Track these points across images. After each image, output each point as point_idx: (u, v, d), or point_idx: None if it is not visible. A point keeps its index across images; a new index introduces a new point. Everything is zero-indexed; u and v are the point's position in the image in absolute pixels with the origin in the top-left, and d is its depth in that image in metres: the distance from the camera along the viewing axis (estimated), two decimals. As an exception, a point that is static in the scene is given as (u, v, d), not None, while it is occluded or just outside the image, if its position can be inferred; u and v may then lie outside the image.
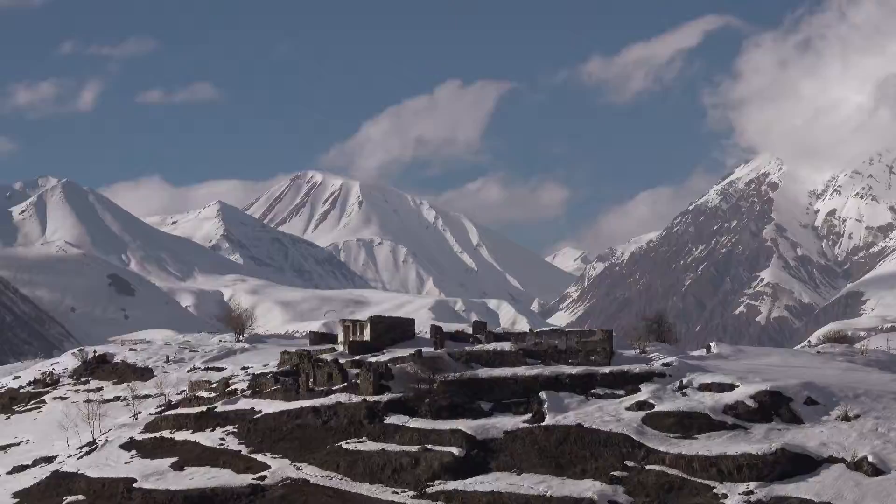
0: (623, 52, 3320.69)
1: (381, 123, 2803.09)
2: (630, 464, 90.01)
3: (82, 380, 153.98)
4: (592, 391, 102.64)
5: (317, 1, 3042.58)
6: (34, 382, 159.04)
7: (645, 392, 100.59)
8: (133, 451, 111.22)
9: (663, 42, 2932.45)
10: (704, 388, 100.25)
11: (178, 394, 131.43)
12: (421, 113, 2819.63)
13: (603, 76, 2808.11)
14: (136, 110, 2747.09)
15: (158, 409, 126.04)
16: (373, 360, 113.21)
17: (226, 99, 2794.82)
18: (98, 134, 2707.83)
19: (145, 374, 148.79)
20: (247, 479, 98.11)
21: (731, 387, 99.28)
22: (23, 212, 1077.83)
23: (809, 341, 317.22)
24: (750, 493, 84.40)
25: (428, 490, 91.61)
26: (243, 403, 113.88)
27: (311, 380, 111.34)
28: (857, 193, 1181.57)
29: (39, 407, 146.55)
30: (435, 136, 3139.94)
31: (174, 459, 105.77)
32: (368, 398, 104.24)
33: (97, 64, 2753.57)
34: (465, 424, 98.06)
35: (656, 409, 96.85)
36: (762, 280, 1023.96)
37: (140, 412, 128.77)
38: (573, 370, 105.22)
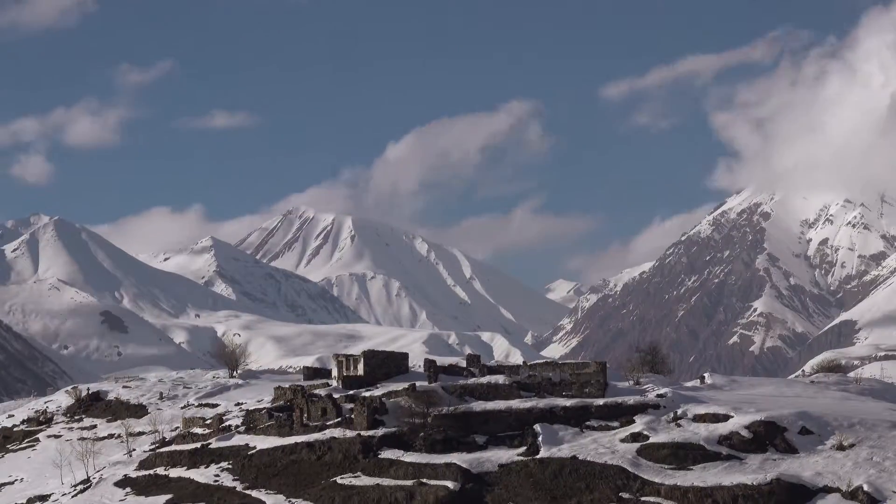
0: (650, 73, 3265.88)
1: (405, 147, 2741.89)
2: (625, 496, 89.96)
3: (76, 417, 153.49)
4: (587, 423, 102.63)
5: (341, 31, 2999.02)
6: (28, 421, 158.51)
7: (639, 423, 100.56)
8: (127, 489, 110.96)
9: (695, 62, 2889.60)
10: (699, 418, 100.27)
11: (173, 430, 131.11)
12: (449, 137, 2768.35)
13: (636, 97, 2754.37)
14: (168, 137, 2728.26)
15: (153, 446, 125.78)
16: (367, 394, 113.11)
17: (256, 127, 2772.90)
18: (128, 163, 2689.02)
19: (139, 411, 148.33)
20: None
21: (726, 417, 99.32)
22: (15, 250, 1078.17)
23: (803, 371, 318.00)
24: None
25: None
26: (237, 439, 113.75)
27: (306, 415, 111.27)
28: (849, 222, 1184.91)
29: (33, 445, 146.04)
30: (466, 161, 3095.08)
31: (169, 497, 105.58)
32: (363, 433, 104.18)
33: (116, 91, 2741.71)
34: (459, 458, 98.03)
35: (651, 440, 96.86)
36: (755, 310, 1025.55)
37: (134, 449, 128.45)
38: (567, 402, 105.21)
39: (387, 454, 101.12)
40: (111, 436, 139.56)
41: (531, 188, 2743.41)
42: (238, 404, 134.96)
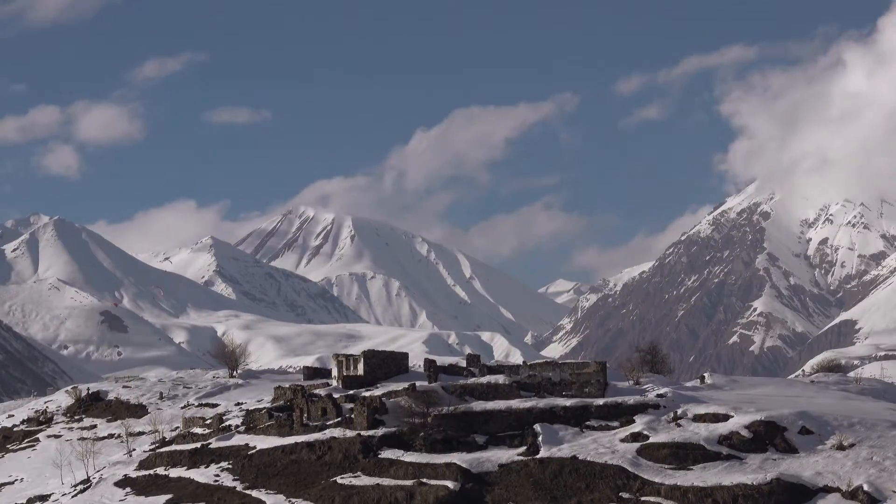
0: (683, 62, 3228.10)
1: (424, 142, 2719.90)
2: (625, 495, 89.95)
3: (76, 417, 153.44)
4: (587, 423, 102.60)
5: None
6: (28, 420, 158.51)
7: (639, 423, 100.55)
8: (127, 489, 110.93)
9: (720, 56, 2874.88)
10: (699, 418, 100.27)
11: (173, 430, 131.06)
12: (471, 132, 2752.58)
13: (656, 91, 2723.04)
14: (191, 133, 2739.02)
15: (153, 446, 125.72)
16: (367, 394, 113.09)
17: (281, 123, 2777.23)
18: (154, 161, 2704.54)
19: (139, 411, 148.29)
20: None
21: (726, 417, 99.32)
22: (15, 249, 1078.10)
23: (803, 370, 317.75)
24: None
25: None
26: (237, 439, 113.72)
27: (306, 415, 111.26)
28: (849, 222, 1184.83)
29: (33, 445, 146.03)
30: (487, 157, 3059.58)
31: (169, 496, 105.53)
32: (363, 433, 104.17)
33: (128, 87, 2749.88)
34: (459, 458, 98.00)
35: (651, 440, 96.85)
36: (755, 310, 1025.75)
37: (134, 449, 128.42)
38: (567, 402, 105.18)
39: (387, 454, 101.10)
40: (111, 436, 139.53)
41: (555, 184, 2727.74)
42: (238, 404, 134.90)
